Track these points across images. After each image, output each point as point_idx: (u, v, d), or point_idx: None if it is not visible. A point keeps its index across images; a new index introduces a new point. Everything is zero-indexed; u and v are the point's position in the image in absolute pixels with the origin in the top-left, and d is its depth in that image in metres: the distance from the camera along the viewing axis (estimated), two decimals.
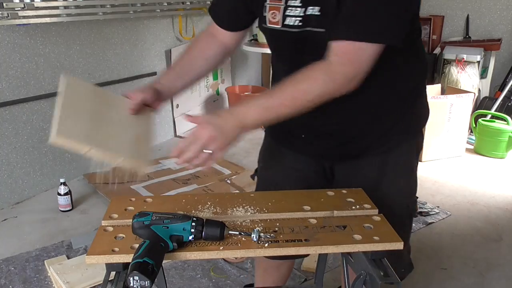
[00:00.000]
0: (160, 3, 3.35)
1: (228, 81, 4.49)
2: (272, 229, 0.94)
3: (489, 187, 2.96)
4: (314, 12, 0.99)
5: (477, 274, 2.06)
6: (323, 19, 0.99)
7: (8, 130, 2.60)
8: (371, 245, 0.89)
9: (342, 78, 0.95)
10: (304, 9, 1.00)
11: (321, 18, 0.99)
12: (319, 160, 1.24)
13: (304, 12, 1.00)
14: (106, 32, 3.10)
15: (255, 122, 0.97)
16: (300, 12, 1.01)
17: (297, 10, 1.01)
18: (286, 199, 1.07)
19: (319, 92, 0.96)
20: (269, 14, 1.06)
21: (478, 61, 3.71)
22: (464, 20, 4.16)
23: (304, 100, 0.96)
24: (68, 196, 2.58)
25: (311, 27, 1.01)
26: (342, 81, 0.96)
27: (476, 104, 3.80)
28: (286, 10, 1.03)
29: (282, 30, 1.05)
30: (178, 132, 3.89)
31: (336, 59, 0.95)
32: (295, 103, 0.97)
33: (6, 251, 2.21)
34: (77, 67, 2.94)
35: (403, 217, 1.22)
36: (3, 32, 2.47)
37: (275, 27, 1.06)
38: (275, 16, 1.05)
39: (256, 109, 0.97)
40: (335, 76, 0.95)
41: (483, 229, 2.45)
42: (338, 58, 0.95)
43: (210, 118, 0.96)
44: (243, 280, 1.98)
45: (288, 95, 0.97)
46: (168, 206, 1.03)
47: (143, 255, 0.79)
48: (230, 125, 0.95)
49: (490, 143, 3.43)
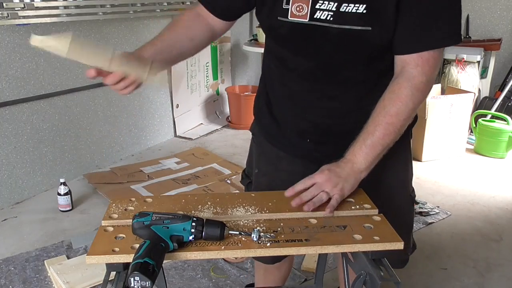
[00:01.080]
0: (160, 3, 3.35)
1: (228, 81, 4.49)
2: (273, 229, 0.93)
3: (489, 187, 2.96)
4: (357, 9, 0.95)
5: (477, 274, 2.06)
6: (369, 17, 0.96)
7: (8, 130, 2.60)
8: (371, 245, 0.89)
9: (426, 86, 1.01)
10: (337, 3, 0.96)
11: (367, 16, 0.96)
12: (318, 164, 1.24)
13: (337, 7, 0.96)
14: (106, 32, 3.10)
15: (367, 163, 1.01)
16: (332, 7, 0.97)
17: (329, 4, 0.97)
18: (286, 199, 1.07)
19: (410, 108, 1.00)
20: (294, 6, 0.99)
21: (478, 61, 3.71)
22: (464, 20, 4.16)
23: (400, 120, 1.00)
24: (68, 196, 2.58)
25: (348, 25, 0.97)
26: (426, 89, 1.01)
27: (476, 104, 3.80)
28: (316, 3, 0.98)
29: (310, 24, 0.99)
30: (178, 132, 3.89)
31: (418, 70, 0.99)
32: (394, 128, 1.00)
33: (6, 251, 2.21)
34: (77, 67, 2.93)
35: (408, 205, 1.28)
36: (3, 32, 2.47)
37: (300, 21, 1.00)
38: (301, 9, 0.99)
39: (363, 150, 1.01)
40: (419, 86, 0.99)
41: (483, 229, 2.45)
42: (420, 68, 0.99)
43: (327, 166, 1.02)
44: (243, 280, 1.98)
45: (385, 124, 1.00)
46: (168, 206, 1.03)
47: (144, 255, 0.78)
48: (346, 171, 1.01)
49: (490, 143, 3.43)
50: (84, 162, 3.11)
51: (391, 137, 1.01)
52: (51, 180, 2.88)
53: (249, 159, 1.39)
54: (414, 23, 0.96)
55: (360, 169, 1.01)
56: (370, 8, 0.95)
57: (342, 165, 1.02)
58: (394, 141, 1.02)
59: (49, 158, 2.86)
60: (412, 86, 0.99)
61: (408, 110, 1.00)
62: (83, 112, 3.05)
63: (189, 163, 3.25)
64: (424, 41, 0.98)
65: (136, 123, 3.48)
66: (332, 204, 0.97)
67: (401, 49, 1.00)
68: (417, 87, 0.99)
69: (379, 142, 1.00)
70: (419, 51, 0.98)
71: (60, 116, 2.89)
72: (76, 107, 2.99)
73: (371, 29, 0.97)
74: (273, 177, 1.27)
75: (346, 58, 1.04)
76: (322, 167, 1.03)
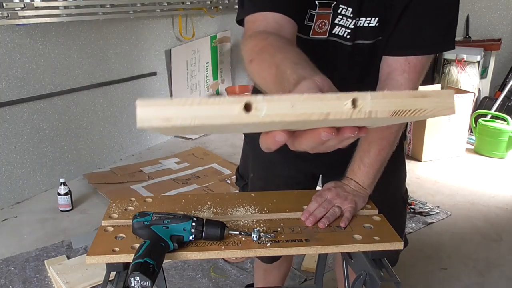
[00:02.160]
0: (160, 3, 3.35)
1: (228, 81, 4.49)
2: (273, 229, 0.94)
3: (489, 187, 2.96)
4: (370, 23, 0.94)
5: (477, 274, 2.06)
6: (380, 28, 0.95)
7: (8, 130, 2.60)
8: (371, 245, 0.89)
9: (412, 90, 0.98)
10: (354, 20, 0.94)
11: (378, 28, 0.95)
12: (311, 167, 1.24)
13: (354, 24, 0.94)
14: (106, 32, 3.10)
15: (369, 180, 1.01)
16: (350, 24, 0.94)
17: (347, 21, 0.94)
18: (286, 199, 1.07)
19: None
20: (317, 23, 0.94)
21: (478, 61, 3.71)
22: (464, 20, 4.16)
23: (392, 133, 0.99)
24: (68, 196, 2.58)
25: (362, 40, 0.96)
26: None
27: (476, 104, 3.80)
28: (336, 17, 0.94)
29: (328, 40, 0.97)
30: None
31: (405, 77, 0.96)
32: (388, 142, 1.00)
33: (6, 251, 2.21)
34: (77, 67, 2.94)
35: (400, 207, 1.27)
36: (3, 32, 2.47)
37: (320, 38, 0.96)
38: (323, 25, 0.95)
39: (362, 170, 1.01)
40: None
41: (483, 229, 2.45)
42: (406, 75, 0.96)
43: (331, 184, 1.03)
44: (243, 280, 1.98)
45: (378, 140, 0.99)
46: (168, 206, 1.03)
47: (144, 255, 0.78)
48: (351, 188, 1.01)
49: (490, 143, 3.43)
50: (84, 162, 3.11)
51: (386, 150, 1.00)
52: (51, 180, 2.88)
53: (242, 160, 1.39)
54: (407, 27, 0.94)
55: (363, 186, 1.02)
56: (382, 20, 0.95)
57: (346, 183, 1.03)
58: (391, 153, 1.02)
59: (49, 158, 2.86)
60: None
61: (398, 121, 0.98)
62: (83, 112, 3.05)
63: (189, 163, 3.25)
64: (413, 46, 0.95)
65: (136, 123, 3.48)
66: (347, 217, 0.97)
67: (390, 50, 0.97)
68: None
69: (376, 158, 1.00)
70: (406, 55, 0.95)
71: (60, 116, 2.89)
72: (76, 107, 2.99)
73: (381, 38, 0.97)
74: (267, 181, 1.28)
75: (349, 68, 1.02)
76: (327, 185, 1.04)
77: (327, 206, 0.98)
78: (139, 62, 3.41)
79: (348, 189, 1.02)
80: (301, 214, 0.99)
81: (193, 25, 3.83)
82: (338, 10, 0.93)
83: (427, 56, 0.97)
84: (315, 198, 1.01)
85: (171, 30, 3.65)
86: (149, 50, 3.47)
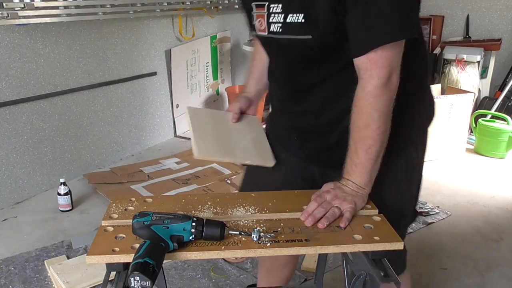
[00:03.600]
0: (160, 3, 3.35)
1: (228, 81, 4.50)
2: (273, 229, 0.94)
3: (489, 187, 2.96)
4: (297, 19, 0.98)
5: (477, 274, 2.06)
6: (308, 26, 0.97)
7: (8, 130, 2.60)
8: (371, 245, 0.89)
9: (382, 89, 0.95)
10: (284, 15, 1.01)
11: (305, 25, 0.97)
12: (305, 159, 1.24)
13: (284, 19, 1.01)
14: (106, 32, 3.10)
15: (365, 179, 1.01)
16: (280, 19, 1.02)
17: (278, 17, 1.03)
18: (286, 199, 1.07)
19: (376, 116, 0.97)
20: (257, 22, 1.09)
21: (478, 61, 3.71)
22: (464, 20, 4.16)
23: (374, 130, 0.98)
24: (68, 196, 2.58)
25: (292, 35, 1.01)
26: (384, 91, 0.96)
27: (476, 104, 3.80)
28: (270, 17, 1.04)
29: (269, 37, 1.08)
30: (178, 132, 3.89)
31: (368, 75, 0.95)
32: (372, 140, 0.98)
33: (6, 251, 2.21)
34: (77, 67, 2.94)
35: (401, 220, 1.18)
36: (3, 32, 2.47)
37: (263, 35, 1.09)
38: (262, 24, 1.07)
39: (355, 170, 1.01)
40: (374, 92, 0.96)
41: (483, 229, 2.45)
42: (369, 72, 0.95)
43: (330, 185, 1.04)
44: (243, 280, 1.98)
45: (361, 139, 0.99)
46: (168, 206, 1.03)
47: (144, 255, 0.78)
48: (349, 188, 1.02)
49: (490, 143, 3.43)
50: (84, 162, 3.11)
51: (375, 147, 0.99)
52: (51, 180, 2.88)
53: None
54: (357, 25, 0.94)
55: (360, 186, 1.01)
56: (308, 17, 0.97)
57: (344, 183, 1.03)
58: (383, 147, 1.00)
59: (49, 158, 2.86)
60: (368, 95, 0.96)
61: (375, 118, 0.97)
62: (83, 112, 3.05)
63: (189, 163, 3.25)
64: (367, 41, 0.94)
65: (136, 123, 3.49)
66: (347, 217, 0.97)
67: (351, 52, 0.97)
68: (373, 94, 0.95)
69: (366, 157, 0.99)
70: (364, 52, 0.94)
71: (60, 116, 2.89)
72: (76, 107, 2.99)
73: (311, 37, 0.98)
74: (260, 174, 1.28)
75: (298, 65, 1.07)
76: (326, 185, 1.05)
77: (327, 207, 0.98)
78: (139, 62, 3.41)
79: (347, 189, 1.02)
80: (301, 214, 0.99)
81: (193, 25, 3.83)
82: (270, 10, 1.04)
83: (387, 48, 0.93)
84: (314, 199, 1.01)
85: (171, 30, 3.65)
86: (149, 50, 3.47)
